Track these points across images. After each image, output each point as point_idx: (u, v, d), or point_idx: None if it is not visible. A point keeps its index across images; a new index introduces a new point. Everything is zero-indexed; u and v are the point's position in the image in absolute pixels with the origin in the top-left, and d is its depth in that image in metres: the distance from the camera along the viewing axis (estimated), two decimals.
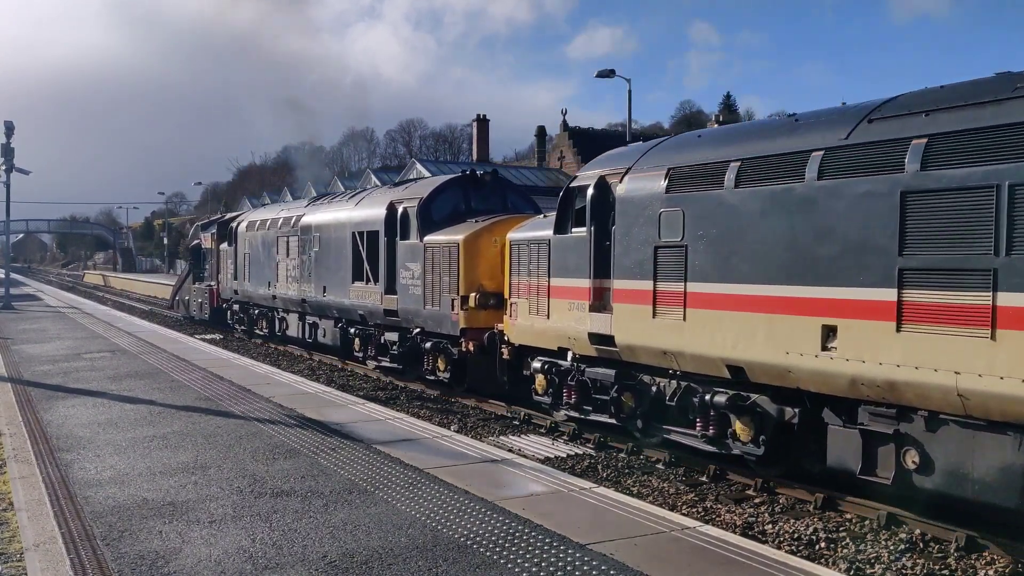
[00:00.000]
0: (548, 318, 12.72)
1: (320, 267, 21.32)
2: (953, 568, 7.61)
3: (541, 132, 48.17)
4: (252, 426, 11.36)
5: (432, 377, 16.91)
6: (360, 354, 20.01)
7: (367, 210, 19.20)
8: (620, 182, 11.40)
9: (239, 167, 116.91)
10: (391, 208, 17.91)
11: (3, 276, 41.74)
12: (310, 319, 22.78)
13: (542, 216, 14.13)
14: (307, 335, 23.11)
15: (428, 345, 16.62)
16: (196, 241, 34.65)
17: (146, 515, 7.47)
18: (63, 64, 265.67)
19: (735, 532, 8.18)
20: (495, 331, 14.63)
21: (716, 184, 9.89)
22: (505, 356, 14.23)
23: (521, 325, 13.55)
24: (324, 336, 21.88)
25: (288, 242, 23.61)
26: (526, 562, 6.35)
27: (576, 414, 12.64)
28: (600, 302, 11.70)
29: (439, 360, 16.54)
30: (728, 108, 72.78)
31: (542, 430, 13.52)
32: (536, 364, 13.31)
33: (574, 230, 12.24)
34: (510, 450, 11.46)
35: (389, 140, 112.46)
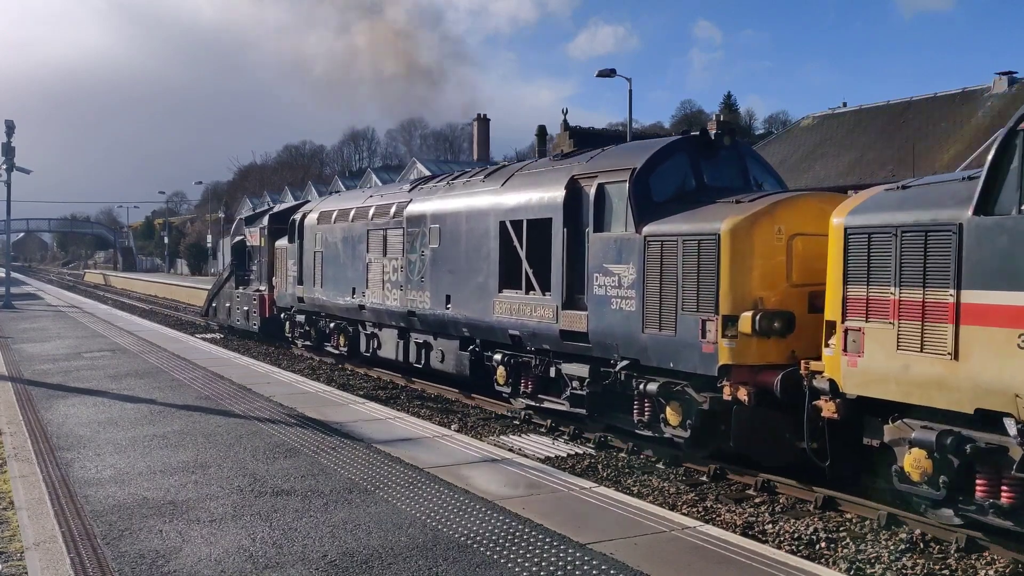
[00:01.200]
0: (955, 359, 7.83)
1: (440, 270, 16.10)
2: (953, 568, 7.61)
3: (542, 132, 48.11)
4: (252, 425, 11.37)
5: (648, 432, 11.55)
6: (506, 389, 14.61)
7: (528, 192, 13.92)
8: None
9: (240, 166, 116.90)
10: (574, 187, 12.75)
11: (4, 275, 41.76)
12: (418, 337, 17.44)
13: (892, 187, 9.05)
14: (412, 358, 17.73)
15: (652, 387, 11.12)
16: (239, 237, 29.14)
17: (146, 514, 7.47)
18: (64, 63, 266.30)
19: (735, 532, 8.18)
20: (804, 372, 9.35)
21: None
22: (829, 414, 9.03)
23: (878, 366, 8.49)
24: (441, 361, 16.55)
25: (386, 237, 18.34)
26: (526, 561, 6.36)
27: (1010, 524, 7.70)
28: None
29: (669, 410, 11.06)
30: (729, 108, 72.82)
31: (542, 429, 13.52)
32: (916, 433, 8.18)
33: None
34: (510, 449, 11.46)
35: (390, 140, 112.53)
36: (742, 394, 9.91)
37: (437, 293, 16.15)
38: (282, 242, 24.66)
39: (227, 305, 29.47)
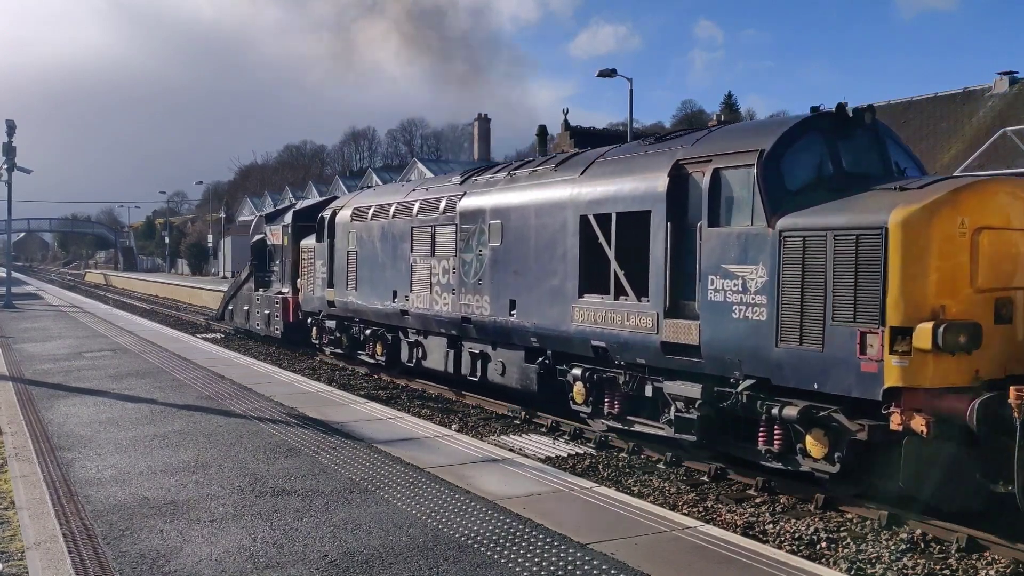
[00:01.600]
0: None
1: (502, 271, 14.25)
2: (954, 568, 7.61)
3: (543, 131, 48.18)
4: (253, 425, 11.37)
5: (778, 464, 9.72)
6: (585, 408, 12.66)
7: (616, 181, 11.95)
8: None
9: (240, 166, 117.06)
10: (678, 173, 10.88)
11: (5, 275, 41.79)
12: (472, 347, 15.56)
13: None
14: (465, 369, 15.88)
15: (789, 412, 9.25)
16: (259, 236, 27.11)
17: (147, 514, 7.47)
18: (64, 63, 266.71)
19: (736, 532, 8.18)
20: (1015, 400, 7.50)
21: None
22: None
23: None
24: (501, 374, 14.76)
25: (434, 235, 16.49)
26: (527, 561, 6.36)
27: None
28: None
29: (810, 439, 9.15)
30: (729, 108, 72.70)
31: (543, 429, 13.53)
32: None
33: None
34: (511, 449, 11.46)
35: (391, 140, 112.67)
36: (918, 423, 8.06)
37: (498, 297, 14.32)
38: (308, 241, 22.65)
39: (245, 308, 27.41)
